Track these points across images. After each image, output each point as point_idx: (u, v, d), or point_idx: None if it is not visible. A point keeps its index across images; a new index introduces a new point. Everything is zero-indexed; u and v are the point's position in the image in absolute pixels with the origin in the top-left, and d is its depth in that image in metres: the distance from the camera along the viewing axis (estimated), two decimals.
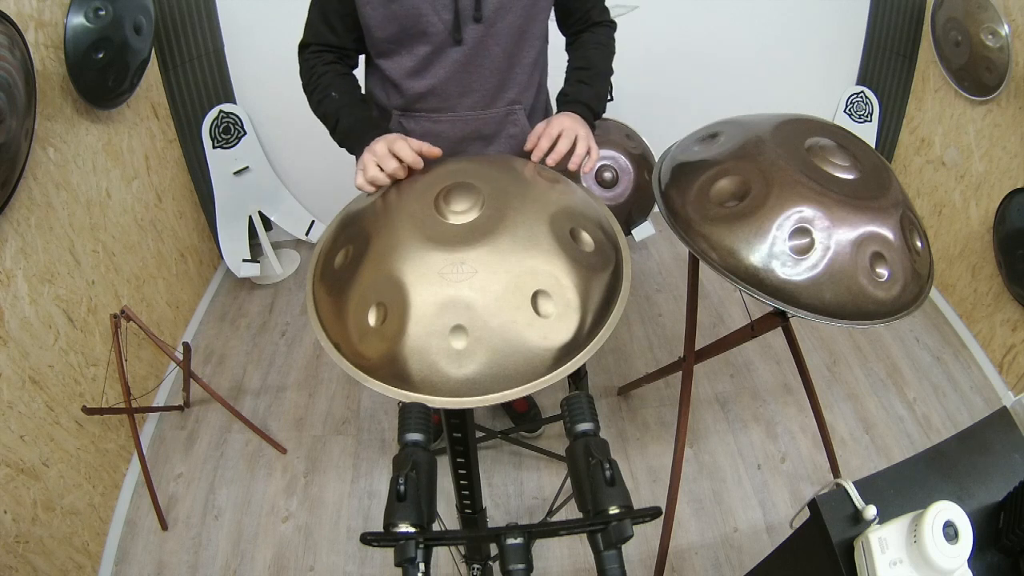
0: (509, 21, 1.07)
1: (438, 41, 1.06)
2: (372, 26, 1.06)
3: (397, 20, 1.04)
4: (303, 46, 1.13)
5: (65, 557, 1.49)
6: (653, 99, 2.46)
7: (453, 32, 1.04)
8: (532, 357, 0.73)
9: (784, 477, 1.80)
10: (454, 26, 1.04)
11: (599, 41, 1.19)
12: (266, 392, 2.09)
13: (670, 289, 2.44)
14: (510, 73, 1.14)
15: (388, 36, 1.07)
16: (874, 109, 2.54)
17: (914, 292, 1.00)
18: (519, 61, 1.14)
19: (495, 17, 1.05)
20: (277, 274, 2.54)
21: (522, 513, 1.73)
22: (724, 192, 1.04)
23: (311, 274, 0.89)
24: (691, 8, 2.28)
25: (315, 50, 1.12)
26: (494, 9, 1.04)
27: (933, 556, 0.70)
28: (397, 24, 1.04)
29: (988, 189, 2.02)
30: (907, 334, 2.23)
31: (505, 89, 1.15)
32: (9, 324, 1.37)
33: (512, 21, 1.07)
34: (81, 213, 1.66)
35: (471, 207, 0.82)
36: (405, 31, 1.05)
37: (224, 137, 2.29)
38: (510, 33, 1.08)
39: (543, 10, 1.12)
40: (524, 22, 1.09)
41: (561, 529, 0.59)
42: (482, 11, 1.03)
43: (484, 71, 1.11)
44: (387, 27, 1.05)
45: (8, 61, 1.29)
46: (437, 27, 1.04)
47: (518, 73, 1.15)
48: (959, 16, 2.00)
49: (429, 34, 1.05)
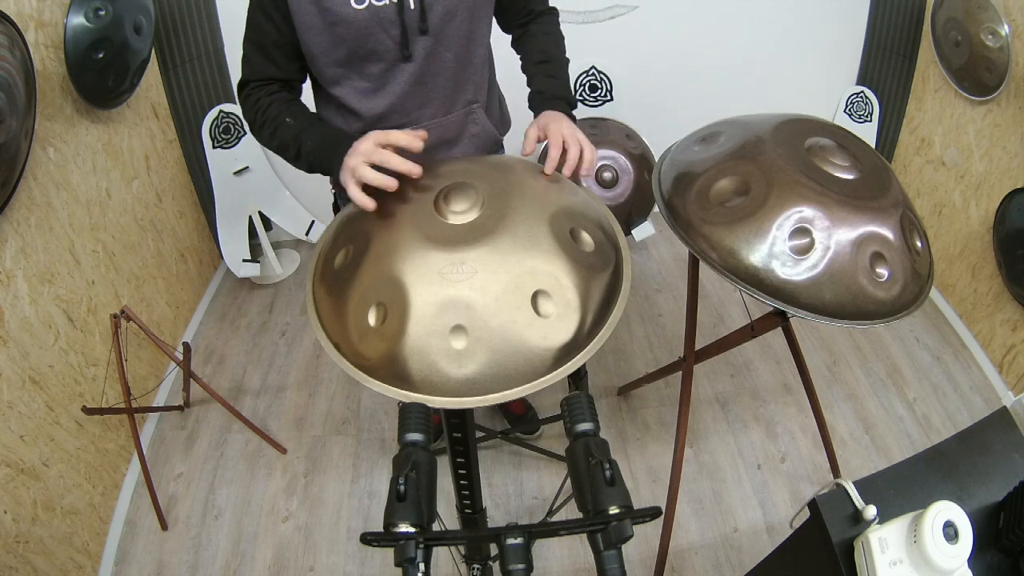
0: (456, 26, 1.06)
1: (389, 58, 1.04)
2: (317, 53, 1.02)
3: (344, 43, 1.01)
4: (242, 84, 1.07)
5: (65, 557, 1.49)
6: (653, 99, 2.46)
7: (402, 48, 1.02)
8: (532, 357, 0.73)
9: (784, 477, 1.80)
10: (402, 42, 1.02)
11: (548, 31, 1.19)
12: (266, 392, 2.09)
13: (670, 289, 2.44)
14: (463, 76, 1.13)
15: (336, 60, 1.04)
16: (874, 109, 2.54)
17: (914, 292, 1.00)
18: (470, 63, 1.13)
19: (442, 25, 1.04)
20: (277, 274, 2.54)
21: (522, 513, 1.73)
22: (724, 192, 1.04)
23: (311, 274, 0.89)
24: (691, 8, 2.28)
25: (257, 86, 1.06)
26: (440, 17, 1.03)
27: (933, 556, 0.70)
28: (345, 48, 1.01)
29: (988, 189, 2.02)
30: (907, 334, 2.23)
31: (461, 92, 1.14)
32: (9, 324, 1.37)
33: (459, 26, 1.06)
34: (81, 213, 1.66)
35: (471, 207, 0.82)
36: (354, 53, 1.02)
37: (224, 137, 2.29)
38: (458, 38, 1.08)
39: (486, 8, 1.11)
40: (470, 24, 1.08)
41: (561, 529, 0.59)
42: (428, 22, 1.02)
43: (439, 79, 1.10)
44: (334, 52, 1.02)
45: (8, 61, 1.29)
46: (386, 44, 1.02)
47: (471, 74, 1.14)
48: (959, 16, 2.00)
49: (379, 52, 1.03)
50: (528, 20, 1.21)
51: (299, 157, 1.01)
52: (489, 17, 1.15)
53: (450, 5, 1.03)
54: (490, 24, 1.17)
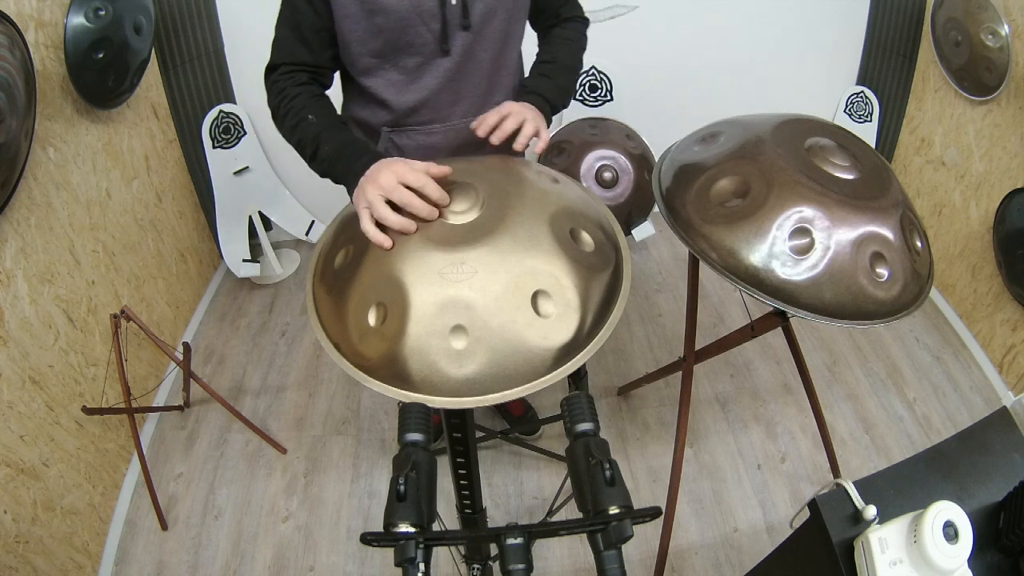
0: (495, 26, 1.06)
1: (427, 52, 1.03)
2: (353, 41, 1.01)
3: (382, 34, 1.00)
4: (271, 68, 1.05)
5: (65, 557, 1.49)
6: (653, 99, 2.46)
7: (441, 43, 1.02)
8: (532, 357, 0.73)
9: (784, 477, 1.80)
10: (442, 36, 1.01)
11: (566, 36, 1.19)
12: (266, 392, 2.09)
13: (670, 289, 2.44)
14: (497, 77, 1.13)
15: (371, 51, 1.03)
16: (874, 109, 2.54)
17: (914, 292, 1.00)
18: (504, 64, 1.13)
19: (482, 23, 1.04)
20: (277, 274, 2.54)
21: (522, 513, 1.73)
22: (724, 192, 1.03)
23: (311, 274, 0.89)
24: (691, 8, 2.28)
25: (286, 71, 1.03)
26: (481, 15, 1.03)
27: (933, 556, 0.70)
28: (382, 38, 1.00)
29: (988, 189, 2.02)
30: (907, 334, 2.23)
31: (493, 93, 1.14)
32: (9, 324, 1.37)
33: (497, 25, 1.06)
34: (81, 213, 1.66)
35: (471, 207, 0.82)
36: (390, 44, 1.01)
37: (224, 137, 2.29)
38: (496, 38, 1.08)
39: (523, 11, 1.12)
40: (508, 25, 1.08)
41: (561, 529, 0.59)
42: (470, 18, 1.01)
43: (474, 78, 1.10)
44: (370, 41, 1.01)
45: (8, 61, 1.29)
46: (425, 38, 1.01)
47: (504, 76, 1.15)
48: (959, 16, 2.00)
49: (416, 45, 1.02)
50: (554, 23, 1.21)
51: (315, 159, 0.98)
52: (524, 21, 1.15)
53: (491, 3, 1.03)
54: (524, 28, 1.16)
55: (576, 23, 1.22)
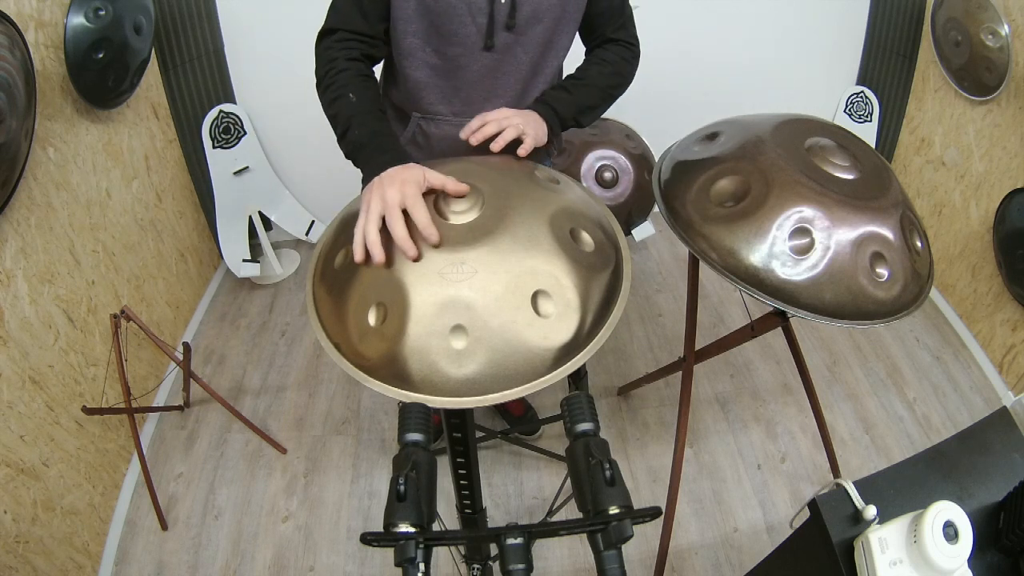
0: (539, 31, 1.07)
1: (468, 44, 1.05)
2: (400, 18, 1.02)
3: (429, 15, 1.01)
4: (325, 33, 1.03)
5: (65, 557, 1.49)
6: (653, 99, 2.45)
7: (486, 38, 1.03)
8: (532, 357, 0.73)
9: (784, 477, 1.80)
10: (488, 32, 1.03)
11: (605, 58, 1.18)
12: (266, 392, 2.09)
13: (670, 289, 2.44)
14: (534, 81, 1.14)
15: (415, 30, 1.04)
16: (874, 109, 2.54)
17: (914, 292, 1.00)
18: (543, 70, 1.13)
19: (526, 26, 1.05)
20: (277, 274, 2.54)
21: (522, 513, 1.73)
22: (724, 192, 1.04)
23: (311, 274, 0.89)
24: (691, 8, 2.28)
25: (341, 37, 1.01)
26: (527, 18, 1.04)
27: (933, 556, 0.70)
28: (428, 19, 1.02)
29: (988, 189, 2.02)
30: (907, 334, 2.23)
31: (527, 96, 1.15)
32: (9, 324, 1.37)
33: (542, 31, 1.07)
34: (81, 213, 1.66)
35: (471, 207, 0.82)
36: (435, 28, 1.03)
37: (224, 137, 2.29)
38: (538, 42, 1.08)
39: (571, 23, 1.11)
40: (552, 33, 1.09)
41: (561, 529, 0.59)
42: (516, 19, 1.02)
43: (510, 78, 1.10)
44: (417, 21, 1.02)
45: (8, 61, 1.29)
46: (469, 29, 1.03)
47: (540, 82, 1.15)
48: (959, 16, 2.00)
49: (460, 35, 1.03)
50: (599, 44, 1.21)
51: (344, 138, 0.96)
52: (571, 34, 1.14)
53: (539, 9, 1.04)
54: (570, 42, 1.16)
55: (621, 47, 1.20)
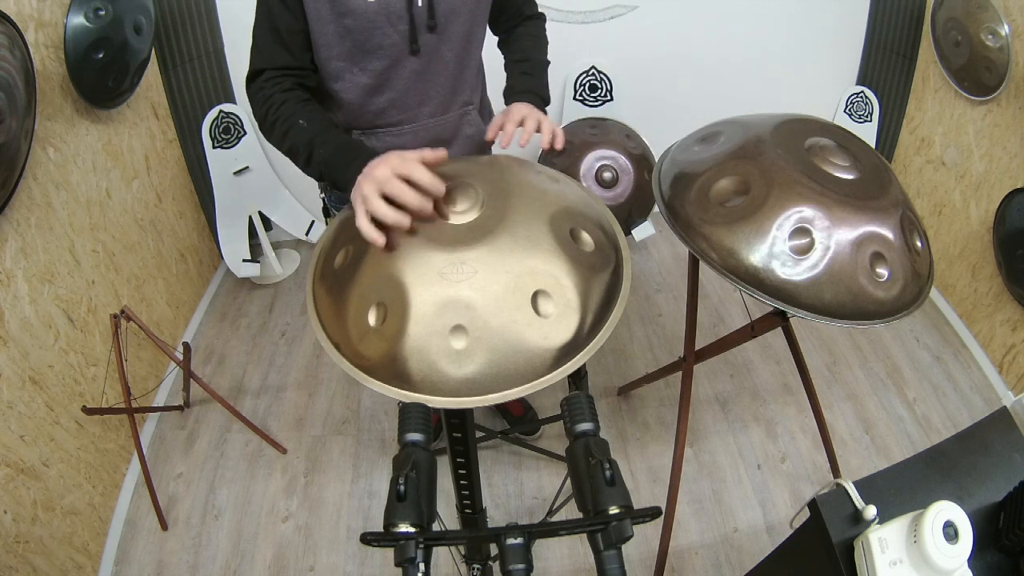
0: (457, 26, 1.08)
1: (394, 53, 1.04)
2: (322, 44, 1.01)
3: (351, 36, 1.00)
4: (253, 76, 1.03)
5: (65, 557, 1.49)
6: (653, 99, 2.46)
7: (411, 42, 1.03)
8: (532, 357, 0.73)
9: (784, 477, 1.80)
10: (411, 36, 1.03)
11: (531, 33, 1.22)
12: (266, 392, 2.09)
13: (670, 289, 2.44)
14: (461, 76, 1.15)
15: (339, 54, 1.03)
16: (874, 109, 2.54)
17: (914, 292, 0.99)
18: (468, 64, 1.15)
19: (447, 23, 1.05)
20: (277, 274, 2.54)
21: (522, 513, 1.73)
22: (724, 192, 1.03)
23: (311, 274, 0.89)
24: (691, 8, 2.28)
25: (269, 76, 1.01)
26: (445, 15, 1.04)
27: (933, 556, 0.70)
28: (351, 40, 1.01)
29: (988, 189, 2.02)
30: (907, 334, 2.23)
31: (458, 92, 1.16)
32: (9, 324, 1.37)
33: (461, 25, 1.08)
34: (81, 213, 1.66)
35: (471, 207, 0.82)
36: (359, 46, 1.02)
37: (224, 137, 2.29)
38: (460, 37, 1.09)
39: (484, 12, 1.14)
40: (471, 25, 1.10)
41: (561, 529, 0.59)
42: (435, 18, 1.03)
43: (439, 78, 1.11)
44: (339, 44, 1.02)
45: (8, 61, 1.29)
46: (393, 39, 1.02)
47: (468, 75, 1.16)
48: (959, 16, 2.00)
49: (385, 47, 1.03)
50: (516, 23, 1.24)
51: (310, 164, 0.97)
52: (485, 21, 1.17)
53: (454, 4, 1.04)
54: (485, 28, 1.19)
55: (538, 20, 1.26)
